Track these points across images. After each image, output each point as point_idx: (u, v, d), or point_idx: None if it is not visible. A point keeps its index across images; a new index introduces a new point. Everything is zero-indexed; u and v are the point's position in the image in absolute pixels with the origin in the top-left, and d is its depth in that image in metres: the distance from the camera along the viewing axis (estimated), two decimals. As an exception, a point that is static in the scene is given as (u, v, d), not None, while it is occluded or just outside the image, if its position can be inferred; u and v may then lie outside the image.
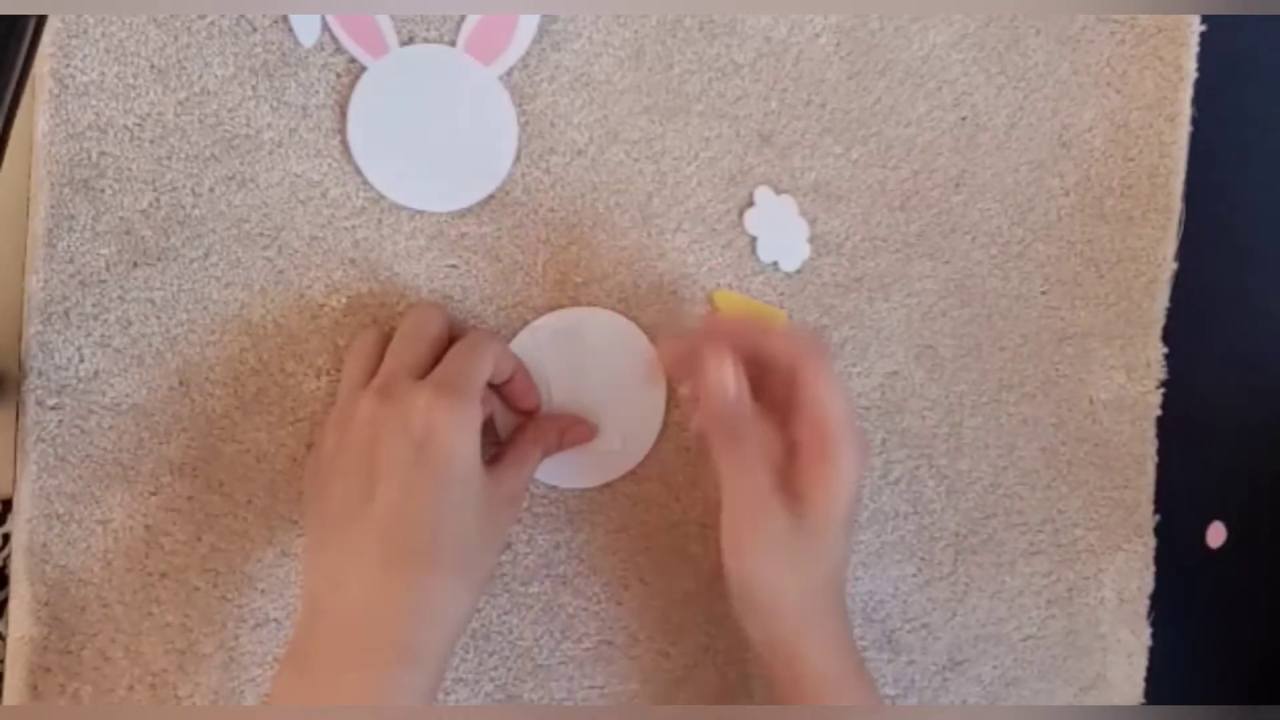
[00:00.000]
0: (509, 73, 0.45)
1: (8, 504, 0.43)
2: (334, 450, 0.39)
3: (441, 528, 0.37)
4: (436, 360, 0.41)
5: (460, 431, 0.38)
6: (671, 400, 0.47)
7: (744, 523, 0.40)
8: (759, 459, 0.40)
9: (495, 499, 0.40)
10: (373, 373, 0.41)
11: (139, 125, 0.42)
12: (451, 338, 0.42)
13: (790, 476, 0.40)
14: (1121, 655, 0.54)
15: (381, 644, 0.36)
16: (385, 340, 0.42)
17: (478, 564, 0.39)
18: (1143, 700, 0.54)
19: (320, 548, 0.39)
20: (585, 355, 0.46)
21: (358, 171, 0.44)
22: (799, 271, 0.49)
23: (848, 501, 0.40)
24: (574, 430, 0.46)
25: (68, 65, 0.41)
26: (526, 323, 0.46)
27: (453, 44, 0.44)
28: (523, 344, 0.45)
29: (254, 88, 0.43)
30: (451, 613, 0.38)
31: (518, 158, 0.46)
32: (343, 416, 0.40)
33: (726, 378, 0.39)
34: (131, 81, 0.42)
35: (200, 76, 0.43)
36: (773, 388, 0.41)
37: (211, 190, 0.43)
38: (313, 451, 0.43)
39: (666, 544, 0.48)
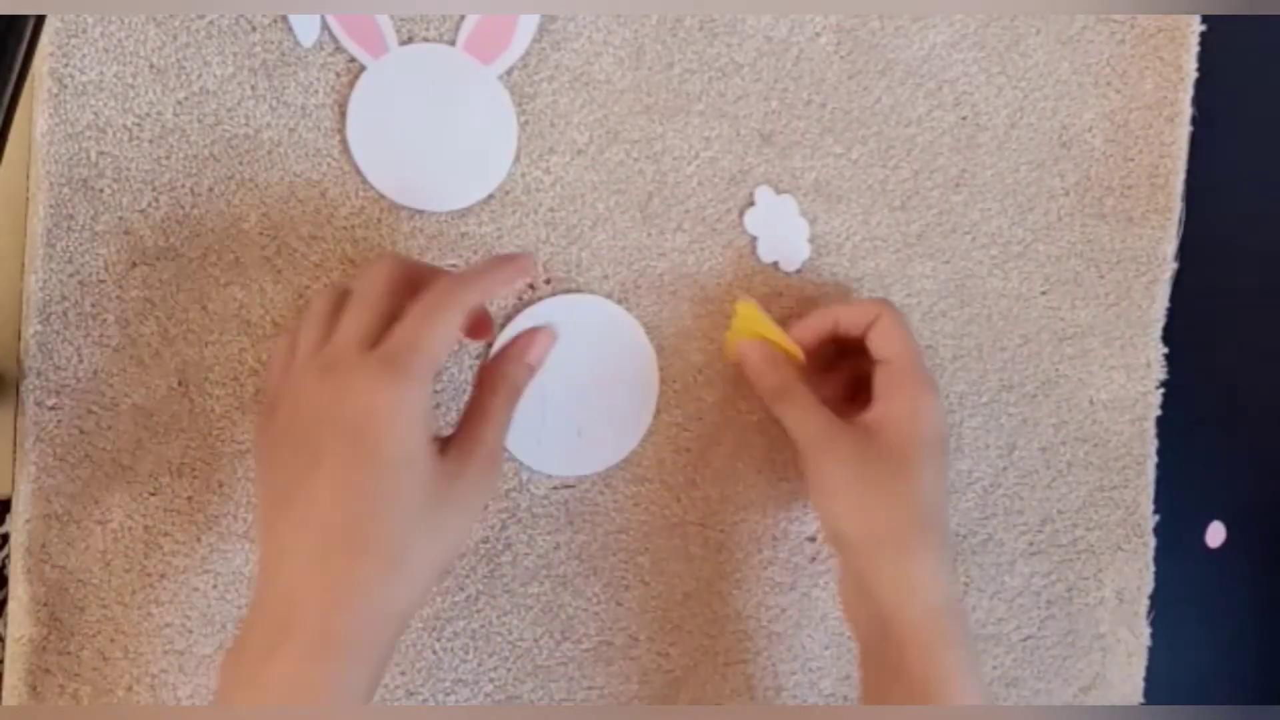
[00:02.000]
0: (509, 72, 0.45)
1: (7, 504, 0.43)
2: (280, 425, 0.37)
3: (378, 517, 0.35)
4: (395, 318, 0.37)
5: (401, 415, 0.35)
6: (666, 397, 0.47)
7: (822, 457, 0.42)
8: (815, 404, 0.43)
9: (451, 484, 0.37)
10: (327, 336, 0.38)
11: (138, 125, 0.42)
12: (417, 287, 0.38)
13: (867, 418, 0.43)
14: (1121, 655, 0.54)
15: (306, 635, 0.34)
16: (341, 300, 0.39)
17: (421, 555, 0.36)
18: (1142, 700, 0.54)
19: (264, 527, 0.37)
20: (580, 342, 0.46)
21: (357, 171, 0.44)
22: (799, 271, 0.49)
23: (927, 427, 0.42)
24: (535, 347, 0.42)
25: (67, 65, 0.41)
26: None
27: (452, 43, 0.44)
28: (517, 327, 0.45)
29: (253, 87, 0.43)
30: (384, 606, 0.35)
31: (517, 157, 0.46)
32: (292, 387, 0.37)
33: (755, 356, 0.45)
34: (130, 81, 0.42)
35: (199, 76, 0.42)
36: (856, 360, 0.46)
37: (210, 190, 0.43)
38: (261, 415, 0.39)
39: (666, 544, 0.48)
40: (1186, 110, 0.53)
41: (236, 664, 0.36)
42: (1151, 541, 0.54)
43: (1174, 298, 0.54)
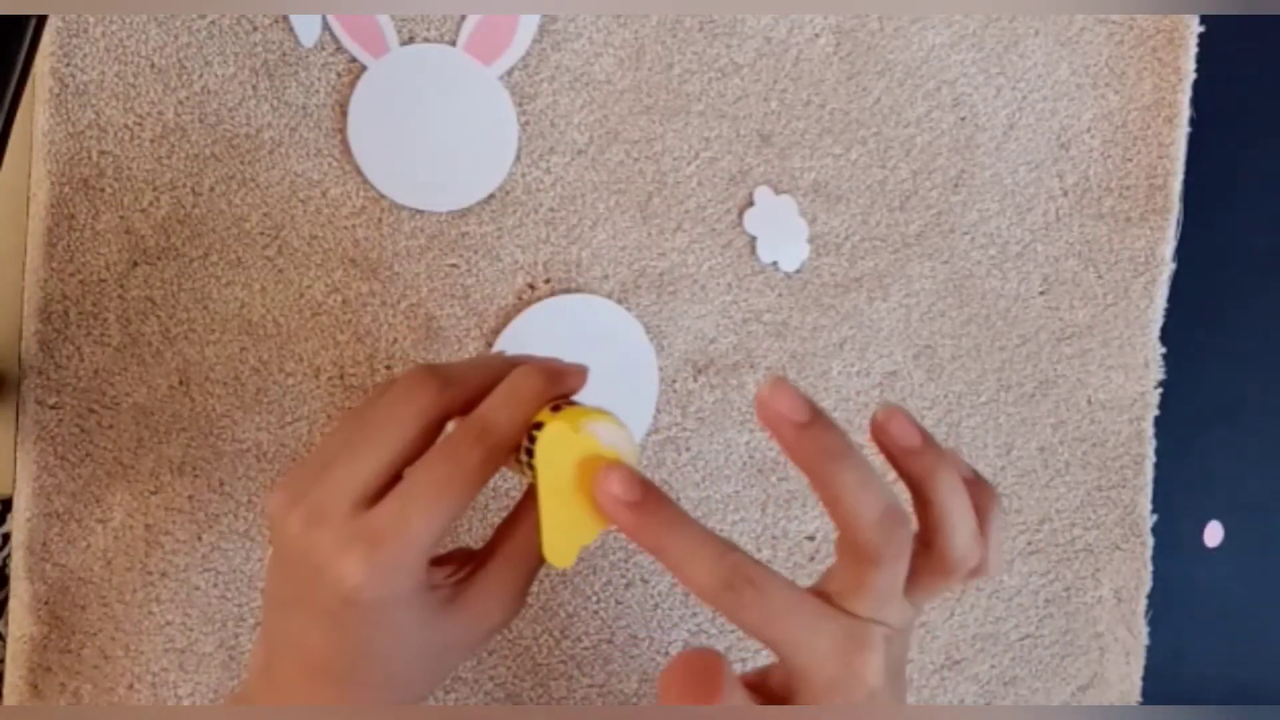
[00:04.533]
0: (509, 72, 0.45)
1: (8, 503, 0.43)
2: (278, 534, 0.33)
3: (369, 661, 0.32)
4: (408, 463, 0.32)
5: (382, 599, 0.31)
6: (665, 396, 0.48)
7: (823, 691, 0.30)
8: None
9: (447, 646, 0.33)
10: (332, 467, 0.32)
11: (139, 124, 0.42)
12: (451, 414, 0.33)
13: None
14: (1119, 654, 0.54)
15: None
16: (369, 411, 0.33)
17: (419, 685, 0.34)
18: (1139, 699, 0.54)
19: (267, 611, 0.35)
20: (580, 342, 0.46)
21: (358, 171, 0.44)
22: (798, 271, 0.49)
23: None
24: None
25: (68, 64, 0.41)
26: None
27: (453, 44, 0.44)
28: (518, 327, 0.46)
29: (254, 87, 0.43)
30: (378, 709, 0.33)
31: (518, 157, 0.46)
32: (282, 517, 0.32)
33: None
34: (132, 81, 0.42)
35: (200, 76, 0.43)
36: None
37: (211, 189, 0.43)
38: (271, 503, 0.33)
39: (666, 543, 0.48)
40: (1185, 111, 0.53)
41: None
42: (1149, 541, 0.54)
43: (1172, 298, 0.54)
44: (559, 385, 0.33)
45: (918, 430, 0.31)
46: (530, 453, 0.31)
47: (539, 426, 0.31)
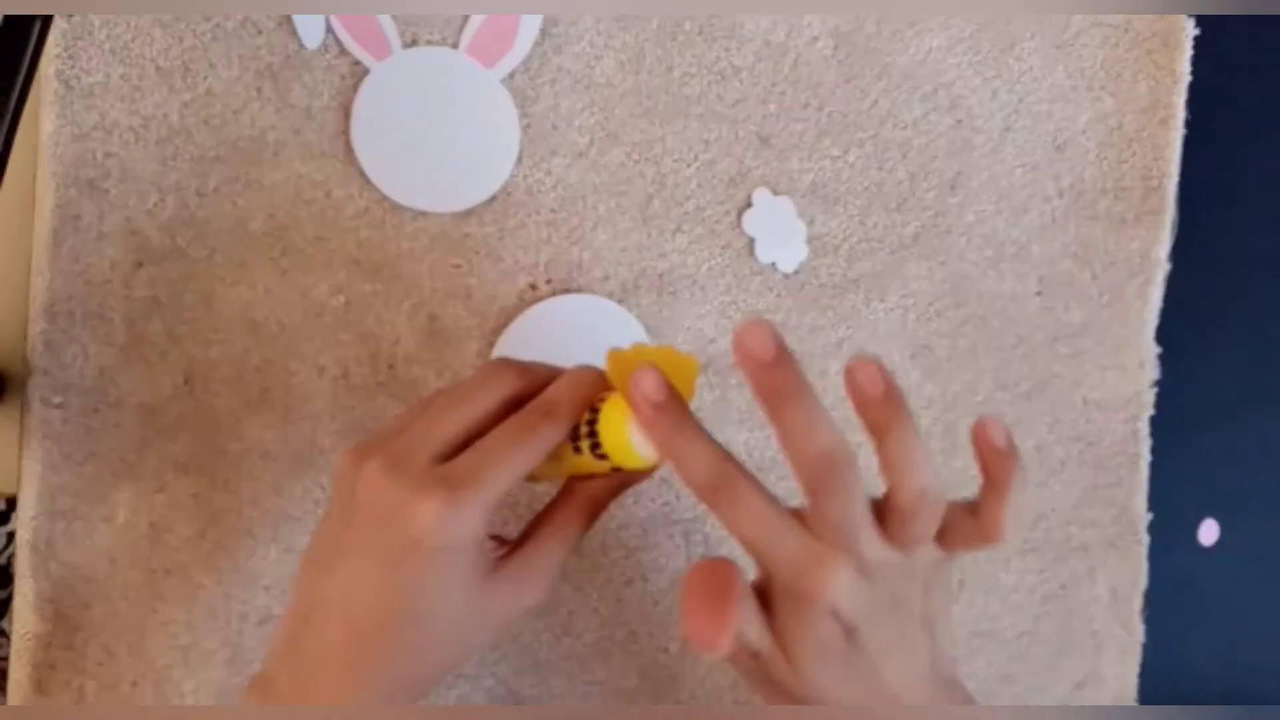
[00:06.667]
0: (511, 75, 0.46)
1: (13, 501, 0.43)
2: (346, 486, 0.35)
3: (415, 617, 0.34)
4: (484, 431, 0.35)
5: (447, 540, 0.33)
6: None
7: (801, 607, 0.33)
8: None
9: (492, 597, 0.35)
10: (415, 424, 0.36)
11: (144, 126, 0.43)
12: (523, 399, 0.36)
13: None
14: (1115, 652, 0.54)
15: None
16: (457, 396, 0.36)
17: (450, 655, 0.35)
18: (1136, 698, 0.55)
19: (304, 572, 0.37)
20: (580, 342, 0.46)
21: (361, 173, 0.44)
22: (796, 272, 0.49)
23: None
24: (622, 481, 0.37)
25: (73, 67, 0.42)
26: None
27: (455, 46, 0.45)
28: (520, 327, 0.46)
29: (259, 90, 0.43)
30: (403, 691, 0.35)
31: (519, 159, 0.46)
32: (365, 463, 0.35)
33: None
34: (136, 83, 0.42)
35: (205, 78, 0.43)
36: None
37: (216, 191, 0.43)
38: (352, 452, 0.36)
39: (667, 541, 0.48)
40: (1180, 113, 0.54)
41: (264, 688, 0.36)
42: (1145, 539, 0.55)
43: (1167, 299, 0.54)
44: (609, 380, 0.37)
45: (884, 382, 0.33)
46: (592, 430, 0.35)
47: (596, 408, 0.35)
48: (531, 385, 0.36)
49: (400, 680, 0.35)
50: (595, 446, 0.35)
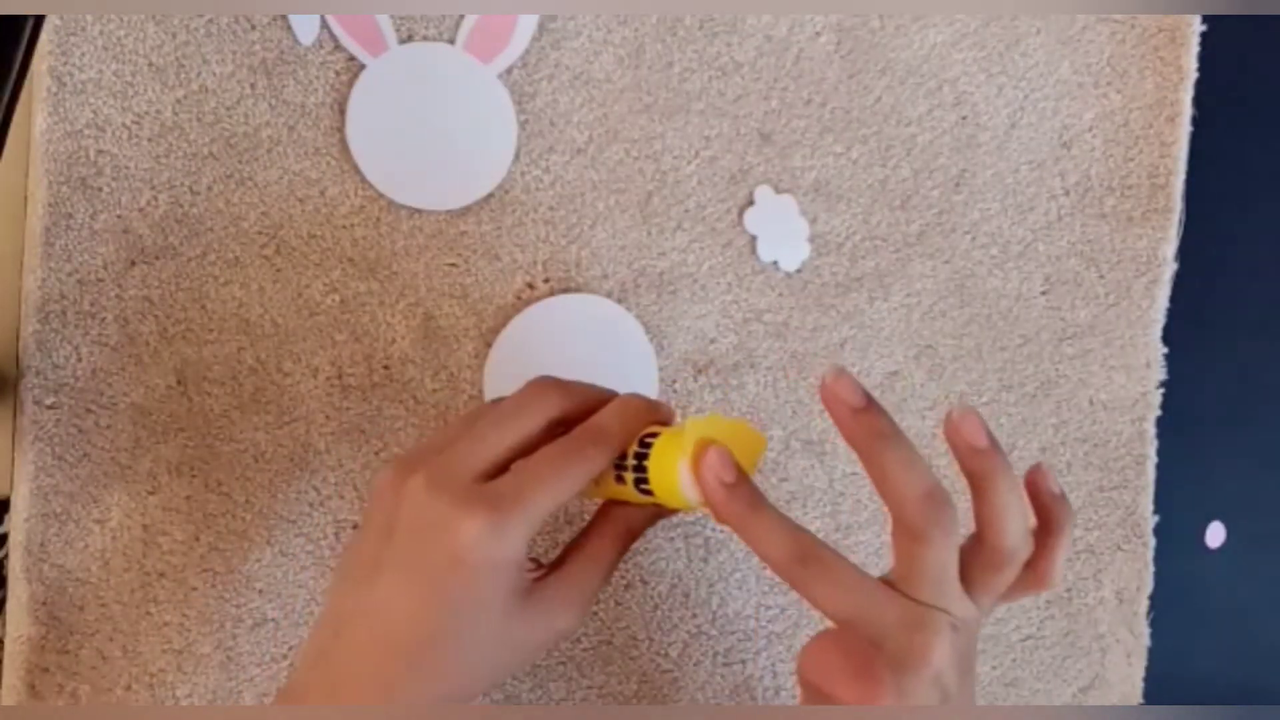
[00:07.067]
0: (508, 71, 0.45)
1: (5, 503, 0.43)
2: (388, 501, 0.35)
3: (450, 638, 0.34)
4: (530, 451, 0.35)
5: (489, 560, 0.33)
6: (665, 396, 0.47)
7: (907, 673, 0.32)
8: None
9: (530, 621, 0.35)
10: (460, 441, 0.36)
11: (137, 123, 0.42)
12: (570, 422, 0.36)
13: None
14: (1120, 655, 0.54)
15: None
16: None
17: (479, 680, 0.35)
18: (1141, 700, 0.54)
19: (337, 586, 0.36)
20: (580, 342, 0.46)
21: (356, 170, 0.44)
22: (799, 271, 0.49)
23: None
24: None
25: (66, 63, 0.41)
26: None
27: (452, 42, 0.44)
28: (518, 326, 0.45)
29: (252, 86, 0.43)
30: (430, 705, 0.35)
31: (517, 156, 0.46)
32: (407, 479, 0.35)
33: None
34: (129, 79, 0.42)
35: (199, 74, 0.42)
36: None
37: (209, 188, 0.43)
38: (395, 467, 0.36)
39: (666, 544, 0.48)
40: (1187, 110, 0.53)
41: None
42: (1151, 542, 0.54)
43: (1174, 298, 0.54)
44: (660, 412, 0.38)
45: (986, 433, 0.34)
46: (639, 465, 0.35)
47: (649, 438, 0.36)
48: (577, 407, 0.37)
49: (429, 698, 0.34)
50: (641, 481, 0.35)
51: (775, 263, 0.48)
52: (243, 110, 0.43)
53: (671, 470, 0.34)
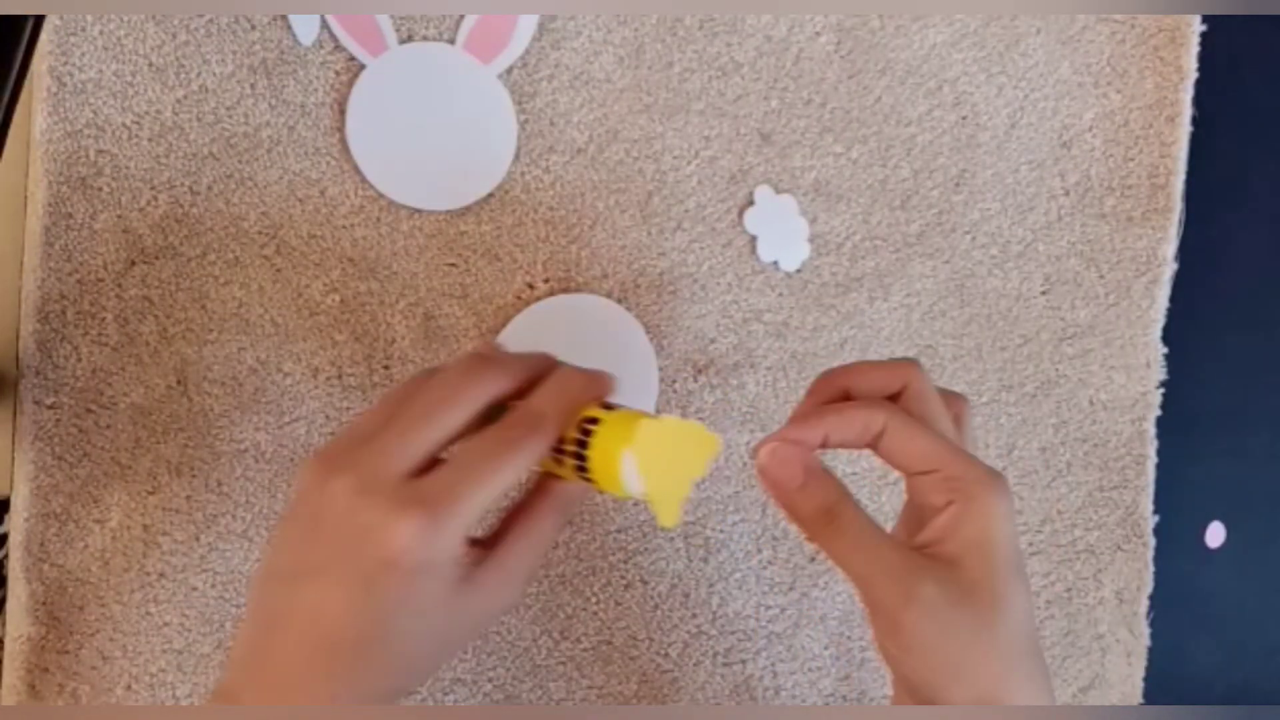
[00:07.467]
0: (508, 71, 0.45)
1: (5, 503, 0.43)
2: (312, 501, 0.33)
3: (388, 635, 0.33)
4: (462, 436, 0.34)
5: (423, 563, 0.32)
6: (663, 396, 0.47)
7: (893, 603, 0.33)
8: (872, 530, 0.34)
9: (467, 605, 0.33)
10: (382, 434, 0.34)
11: (137, 123, 0.42)
12: (511, 398, 0.35)
13: (928, 539, 0.34)
14: (1120, 655, 0.54)
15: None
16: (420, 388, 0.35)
17: (424, 664, 0.34)
18: (1141, 700, 0.54)
19: (261, 586, 0.35)
20: (579, 342, 0.46)
21: (356, 170, 0.44)
22: (799, 271, 0.49)
23: (1004, 541, 0.34)
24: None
25: (66, 63, 0.41)
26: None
27: (452, 42, 0.44)
28: (518, 326, 0.45)
29: (252, 86, 0.43)
30: (375, 699, 0.33)
31: (517, 156, 0.46)
32: (329, 481, 0.33)
33: (775, 467, 0.34)
34: (129, 80, 0.42)
35: (198, 74, 0.42)
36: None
37: (209, 188, 0.43)
38: (313, 463, 0.34)
39: (666, 544, 0.48)
40: (1187, 110, 0.53)
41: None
42: (1151, 542, 0.54)
43: (1174, 298, 0.54)
44: (600, 387, 0.35)
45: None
46: (581, 444, 0.34)
47: (589, 422, 0.34)
48: (511, 388, 0.35)
49: (376, 691, 0.33)
50: (581, 469, 0.34)
51: (775, 263, 0.48)
52: (243, 110, 0.43)
53: (614, 461, 0.33)
